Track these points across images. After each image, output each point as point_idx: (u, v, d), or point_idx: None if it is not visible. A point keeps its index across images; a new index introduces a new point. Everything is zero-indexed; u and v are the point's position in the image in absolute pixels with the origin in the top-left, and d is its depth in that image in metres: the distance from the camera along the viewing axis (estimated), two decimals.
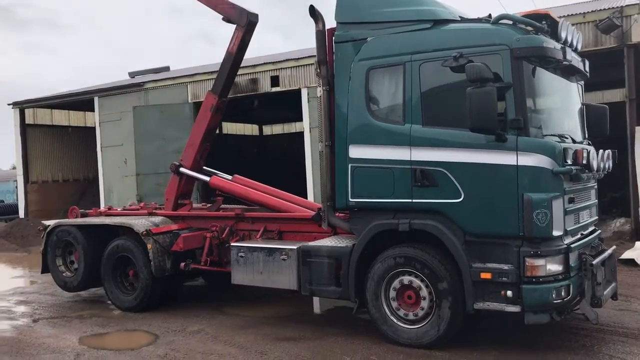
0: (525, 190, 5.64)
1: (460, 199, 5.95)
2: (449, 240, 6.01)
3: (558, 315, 5.80)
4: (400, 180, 6.29)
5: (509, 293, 5.70)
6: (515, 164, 5.69)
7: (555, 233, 5.68)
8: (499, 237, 5.83)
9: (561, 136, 6.07)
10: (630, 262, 10.44)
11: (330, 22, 6.93)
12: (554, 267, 5.70)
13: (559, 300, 5.68)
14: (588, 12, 12.94)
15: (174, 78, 19.70)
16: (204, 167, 9.72)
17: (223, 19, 9.18)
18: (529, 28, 5.93)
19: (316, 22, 7.00)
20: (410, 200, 6.25)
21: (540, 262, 5.64)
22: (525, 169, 5.66)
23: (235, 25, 9.02)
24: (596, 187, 6.97)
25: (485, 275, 5.82)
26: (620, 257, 10.66)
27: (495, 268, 5.79)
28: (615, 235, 12.92)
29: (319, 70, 6.95)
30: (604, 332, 6.57)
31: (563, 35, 6.17)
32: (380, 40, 6.50)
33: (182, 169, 9.35)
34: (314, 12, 6.99)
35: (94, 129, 21.30)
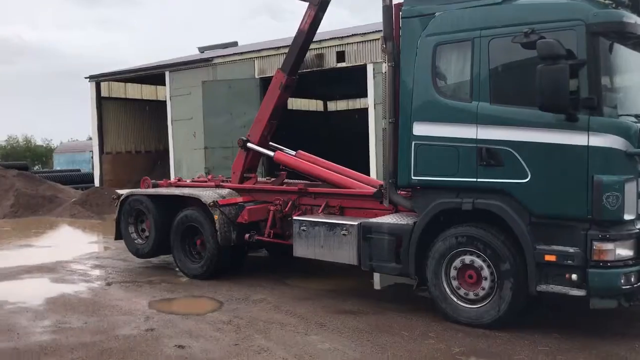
0: (596, 171, 5.46)
1: (527, 180, 5.83)
2: (514, 221, 5.91)
3: (626, 302, 5.63)
4: (465, 158, 6.21)
5: (574, 276, 5.58)
6: (587, 144, 5.50)
7: (627, 217, 5.49)
8: (566, 219, 5.69)
9: (637, 116, 5.81)
10: None
11: None
12: (624, 251, 5.52)
13: (627, 287, 5.50)
14: None
15: (241, 53, 19.99)
16: (270, 143, 9.90)
17: None
18: (607, 2, 5.66)
19: None
20: (474, 180, 6.17)
21: (609, 246, 5.48)
22: (596, 150, 5.47)
23: (307, 4, 9.01)
24: None
25: (550, 258, 5.70)
26: None
27: (561, 251, 5.66)
28: None
29: (384, 46, 6.91)
30: None
31: None
32: (448, 16, 6.38)
33: (249, 144, 9.55)
34: None
35: (164, 102, 21.98)
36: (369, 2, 7.02)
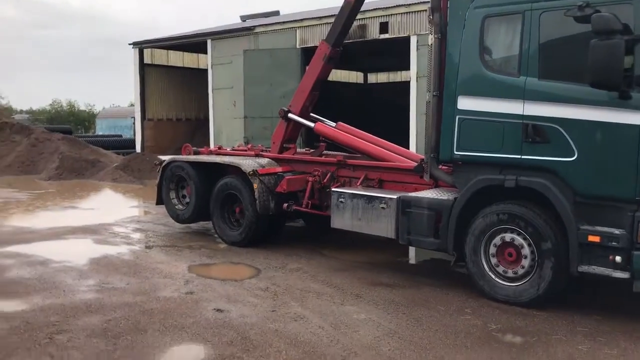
0: None
1: (574, 158, 5.69)
2: (558, 199, 5.79)
3: None
4: (510, 135, 6.10)
5: (618, 258, 5.46)
6: (639, 123, 5.33)
7: None
8: (612, 200, 5.56)
9: None
10: None
11: None
12: None
13: None
14: None
15: (283, 23, 19.89)
16: (311, 114, 9.88)
17: None
18: None
19: None
20: (518, 157, 6.06)
21: None
22: None
23: None
24: None
25: (594, 239, 5.59)
26: None
27: (605, 232, 5.54)
28: None
29: (432, 17, 6.77)
30: None
31: None
32: None
33: (290, 115, 9.55)
34: None
35: (206, 70, 22.11)
36: None
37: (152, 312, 5.83)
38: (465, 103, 6.42)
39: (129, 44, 24.31)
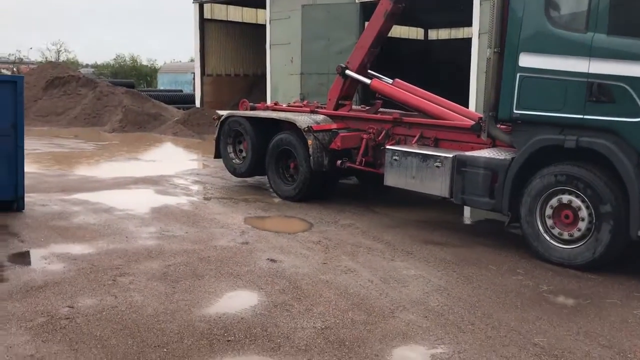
0: None
1: (639, 119, 5.47)
2: (620, 161, 5.61)
3: None
4: (573, 93, 5.90)
5: None
6: None
7: None
8: None
9: None
10: None
11: None
12: None
13: None
14: None
15: None
16: (369, 71, 9.78)
17: None
18: None
19: None
20: (581, 117, 5.88)
21: None
22: None
23: None
24: None
25: None
26: None
27: None
28: None
29: None
30: None
31: None
32: None
33: (347, 72, 9.48)
34: None
35: (264, 26, 22.07)
36: None
37: (209, 260, 6.07)
38: (527, 60, 6.23)
39: None
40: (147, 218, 7.87)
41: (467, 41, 16.72)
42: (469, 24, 16.50)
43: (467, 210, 8.66)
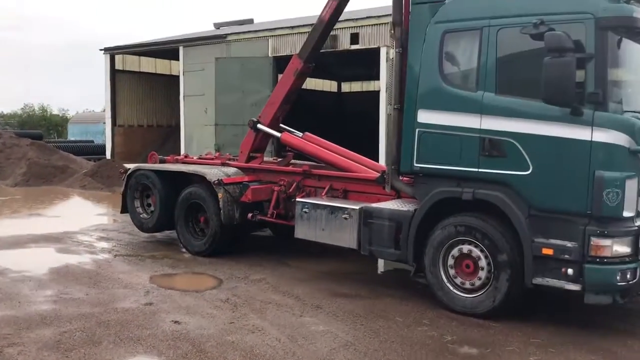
0: (598, 167, 5.42)
1: (529, 172, 5.81)
2: (513, 212, 5.90)
3: (621, 298, 5.63)
4: (468, 148, 6.20)
5: (570, 271, 5.58)
6: (590, 139, 5.46)
7: (626, 214, 5.46)
8: (565, 214, 5.67)
9: None
10: None
11: None
12: (621, 248, 5.51)
13: (623, 283, 5.50)
14: None
15: (255, 31, 19.92)
16: (281, 125, 9.86)
17: None
18: None
19: None
20: (476, 170, 6.16)
21: (606, 242, 5.46)
22: (599, 146, 5.43)
23: None
24: None
25: (547, 251, 5.70)
26: None
27: (558, 244, 5.66)
28: None
29: (393, 32, 6.87)
30: None
31: None
32: (458, 3, 6.34)
33: (259, 126, 9.52)
34: None
35: (178, 77, 22.01)
36: None
37: (109, 324, 5.77)
38: (424, 116, 6.51)
39: (100, 50, 24.08)
40: (45, 280, 7.43)
41: (377, 94, 17.37)
42: (378, 77, 17.18)
43: (380, 260, 8.78)
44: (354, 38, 16.96)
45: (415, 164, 6.62)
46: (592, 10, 5.44)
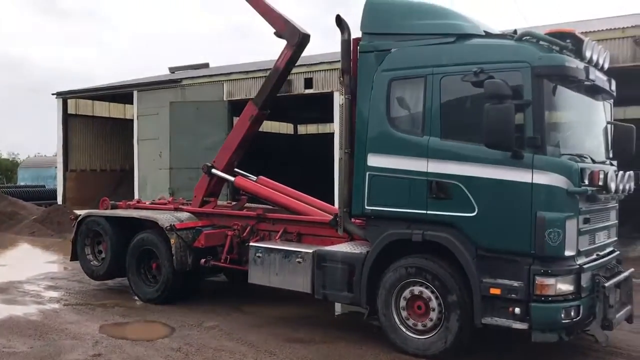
0: (539, 208, 5.64)
1: (474, 213, 5.98)
2: (461, 253, 6.04)
3: (567, 335, 5.79)
4: (416, 191, 6.35)
5: (517, 310, 5.71)
6: (531, 181, 5.69)
7: (567, 253, 5.67)
8: (511, 254, 5.84)
9: (580, 156, 6.02)
10: None
11: (356, 32, 7.04)
12: (565, 286, 5.69)
13: (567, 321, 5.66)
14: (627, 27, 12.69)
15: (210, 76, 20.06)
16: (235, 169, 9.89)
17: (275, 34, 9.08)
18: (553, 46, 5.91)
19: (342, 31, 7.11)
20: (424, 212, 6.31)
21: (550, 281, 5.64)
22: (540, 187, 5.66)
23: (285, 42, 8.94)
24: (617, 207, 6.89)
25: (495, 291, 5.84)
26: None
27: (505, 284, 5.80)
28: None
29: (342, 79, 7.07)
30: (614, 354, 6.51)
31: (587, 54, 6.13)
32: (403, 52, 6.58)
33: (213, 170, 9.53)
34: (340, 22, 7.11)
35: (132, 121, 21.86)
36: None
37: None
38: (374, 160, 6.67)
39: (53, 94, 23.76)
40: None
41: (333, 136, 17.59)
42: (332, 120, 17.46)
43: (335, 304, 8.75)
44: (308, 83, 17.27)
45: (367, 207, 6.73)
46: (528, 59, 5.75)
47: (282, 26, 9.00)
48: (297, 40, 8.79)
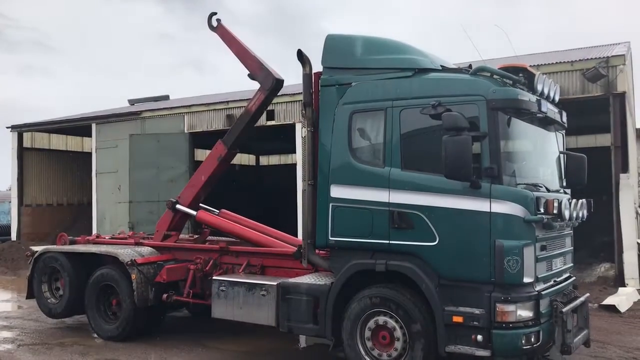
0: (497, 236, 5.78)
1: (435, 243, 6.09)
2: (423, 282, 6.13)
3: None
4: (379, 221, 6.44)
5: (480, 337, 5.79)
6: (489, 210, 5.83)
7: (526, 280, 5.80)
8: (472, 282, 5.94)
9: (535, 185, 6.23)
10: (612, 308, 10.51)
11: (317, 67, 7.18)
12: (524, 313, 5.80)
13: (528, 346, 5.76)
14: (576, 60, 13.28)
15: (171, 108, 19.99)
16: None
17: (249, 75, 9.03)
18: (506, 80, 6.15)
19: (303, 65, 7.25)
20: (387, 242, 6.39)
21: (510, 307, 5.75)
22: (497, 216, 5.81)
23: (259, 85, 8.90)
24: (572, 234, 7.12)
25: (457, 319, 5.92)
26: (602, 303, 10.76)
27: (467, 312, 5.89)
28: (599, 280, 13.02)
29: (304, 112, 7.17)
30: None
31: (539, 88, 6.39)
32: (363, 86, 6.73)
33: (178, 206, 9.42)
34: (301, 56, 7.25)
35: (90, 154, 21.51)
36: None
37: None
38: (337, 191, 6.74)
39: (7, 128, 23.23)
40: None
41: (295, 167, 17.72)
42: (295, 151, 17.59)
43: (301, 336, 8.70)
44: (270, 114, 17.37)
45: (330, 238, 6.78)
46: (483, 93, 5.95)
47: (257, 69, 8.89)
48: (270, 84, 8.72)
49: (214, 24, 9.44)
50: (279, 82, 8.81)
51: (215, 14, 9.42)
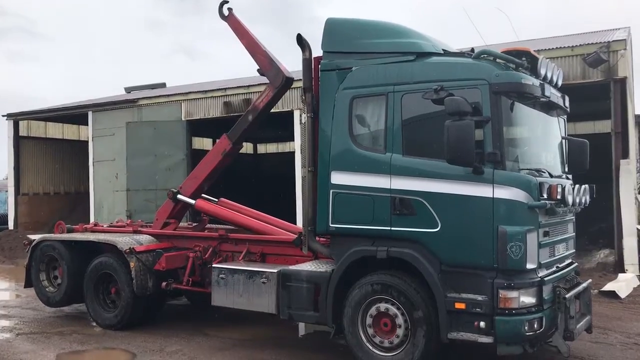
0: (500, 222, 5.72)
1: (437, 229, 6.03)
2: (425, 269, 6.08)
3: (531, 347, 5.86)
4: (380, 207, 6.37)
5: (482, 324, 5.76)
6: (492, 196, 5.77)
7: (529, 266, 5.76)
8: (474, 268, 5.89)
9: (538, 170, 6.17)
10: (612, 294, 10.50)
11: (317, 51, 7.08)
12: (527, 299, 5.77)
13: (531, 333, 5.73)
14: (576, 45, 13.16)
15: (168, 96, 19.82)
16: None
17: (258, 71, 8.90)
18: (509, 64, 6.07)
19: (303, 50, 7.14)
20: (389, 228, 6.33)
21: (513, 294, 5.71)
22: (500, 202, 5.75)
23: (268, 82, 8.74)
24: (574, 220, 7.07)
25: (460, 305, 5.88)
26: (602, 289, 10.74)
27: (470, 298, 5.85)
28: (599, 266, 13.00)
29: (304, 97, 7.08)
30: None
31: (542, 72, 6.30)
32: (364, 70, 6.63)
33: (179, 196, 9.33)
34: (301, 41, 7.15)
35: (87, 142, 21.37)
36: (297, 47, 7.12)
37: None
38: (338, 178, 6.67)
39: (3, 116, 23.06)
40: None
41: (293, 155, 17.62)
42: (293, 139, 17.48)
43: (301, 324, 8.68)
44: None
45: (331, 225, 6.72)
46: (486, 77, 5.87)
47: (267, 65, 8.71)
48: (280, 82, 8.56)
49: (225, 12, 9.22)
50: (289, 80, 8.62)
51: (227, 2, 9.15)
